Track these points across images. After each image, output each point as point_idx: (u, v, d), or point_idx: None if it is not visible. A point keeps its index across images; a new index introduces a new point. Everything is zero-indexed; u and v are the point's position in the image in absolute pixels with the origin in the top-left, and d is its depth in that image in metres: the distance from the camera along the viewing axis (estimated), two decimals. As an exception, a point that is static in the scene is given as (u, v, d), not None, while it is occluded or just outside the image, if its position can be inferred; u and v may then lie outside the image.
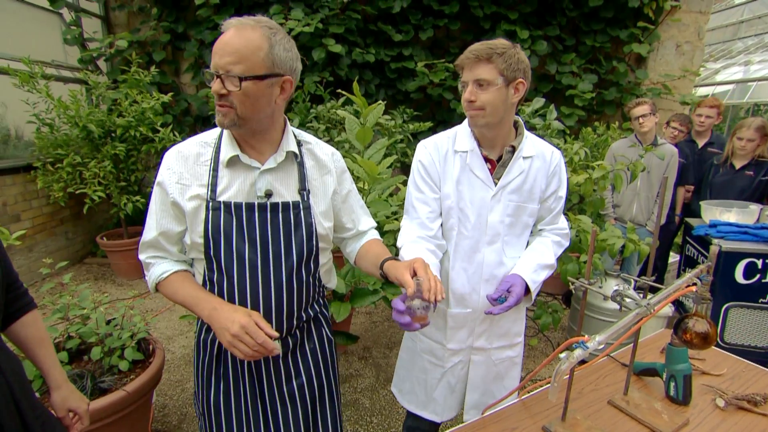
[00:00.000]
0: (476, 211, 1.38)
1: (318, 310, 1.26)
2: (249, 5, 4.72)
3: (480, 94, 1.26)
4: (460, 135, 1.42)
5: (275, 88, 1.02)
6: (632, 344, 1.24)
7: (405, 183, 2.27)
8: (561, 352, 0.84)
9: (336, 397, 1.32)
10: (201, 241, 1.05)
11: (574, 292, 1.15)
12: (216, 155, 1.07)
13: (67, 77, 4.56)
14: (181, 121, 4.96)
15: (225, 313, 0.98)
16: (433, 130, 4.64)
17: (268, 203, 1.06)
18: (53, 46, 4.61)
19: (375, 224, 1.34)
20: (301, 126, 3.73)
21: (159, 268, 1.11)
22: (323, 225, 1.15)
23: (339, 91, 3.31)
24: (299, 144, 1.16)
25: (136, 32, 4.91)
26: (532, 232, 1.50)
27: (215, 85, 0.96)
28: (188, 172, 1.06)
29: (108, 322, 1.97)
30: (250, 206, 1.05)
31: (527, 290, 1.33)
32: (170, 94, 4.15)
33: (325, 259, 1.22)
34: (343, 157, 1.36)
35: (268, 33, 0.98)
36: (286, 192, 1.10)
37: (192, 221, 1.06)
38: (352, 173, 2.04)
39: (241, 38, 0.95)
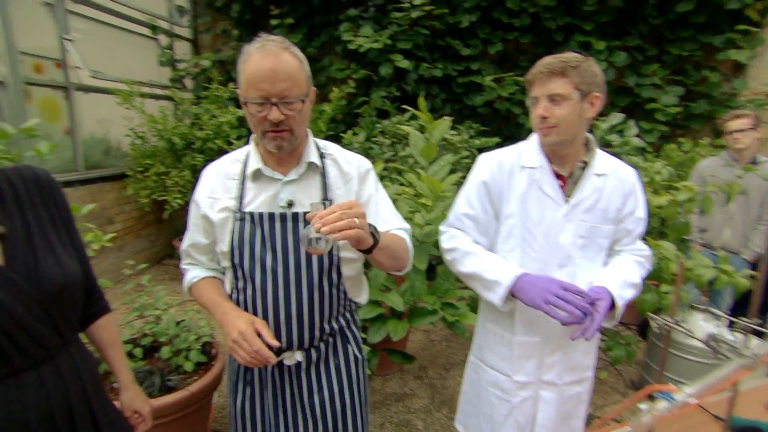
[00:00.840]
0: (545, 231, 1.28)
1: (344, 324, 1.23)
2: (321, 24, 4.92)
3: (554, 109, 1.18)
4: (528, 150, 1.33)
5: (309, 103, 1.07)
6: (730, 396, 1.07)
7: None
8: (640, 400, 0.73)
9: (362, 419, 1.27)
10: (227, 249, 1.10)
11: (657, 330, 1.02)
12: (244, 170, 1.14)
13: (159, 95, 5.01)
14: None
15: (231, 318, 1.02)
16: (500, 146, 4.50)
17: (289, 213, 1.09)
18: (149, 67, 5.10)
19: (406, 226, 1.26)
20: (367, 140, 3.78)
21: (191, 274, 1.21)
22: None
23: (404, 106, 3.32)
24: (322, 156, 1.17)
25: (218, 52, 5.29)
26: (608, 255, 1.36)
27: (273, 113, 0.98)
28: (219, 186, 1.14)
29: (177, 323, 2.09)
30: (271, 216, 1.09)
31: (612, 306, 1.20)
32: (246, 109, 4.41)
33: (351, 271, 1.19)
34: (407, 172, 1.33)
35: (294, 51, 1.02)
36: (309, 202, 1.11)
37: (220, 232, 1.12)
38: (414, 189, 2.00)
39: (284, 63, 0.99)
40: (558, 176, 1.29)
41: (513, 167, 1.32)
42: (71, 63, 4.01)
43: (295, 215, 1.09)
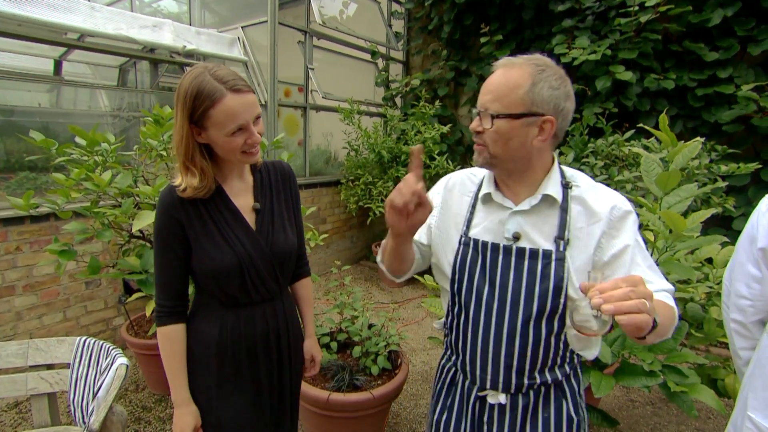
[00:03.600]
0: None
1: (563, 378, 1.06)
2: (530, 38, 4.72)
3: None
4: None
5: (531, 129, 0.93)
6: None
7: (725, 244, 1.72)
8: None
9: None
10: (449, 273, 1.08)
11: None
12: (477, 191, 1.10)
13: (373, 112, 5.60)
14: (454, 150, 5.36)
15: None
16: (755, 175, 3.54)
17: (514, 247, 0.99)
18: (367, 88, 5.77)
19: (671, 287, 1.01)
20: (576, 161, 3.43)
21: None
22: (575, 286, 0.95)
23: (626, 125, 2.87)
24: (567, 186, 1.00)
25: (427, 72, 5.62)
26: None
27: (473, 123, 0.99)
28: (452, 200, 1.13)
29: (370, 327, 2.24)
30: (495, 247, 1.02)
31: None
32: (448, 125, 4.56)
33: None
34: (633, 200, 1.11)
35: (534, 70, 0.93)
36: (539, 238, 0.99)
37: (445, 247, 1.10)
38: (642, 222, 1.65)
39: (503, 77, 0.95)
40: None
41: None
42: (311, 87, 4.82)
43: (521, 250, 0.99)
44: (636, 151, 1.79)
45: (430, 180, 4.69)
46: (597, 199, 0.99)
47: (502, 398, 1.04)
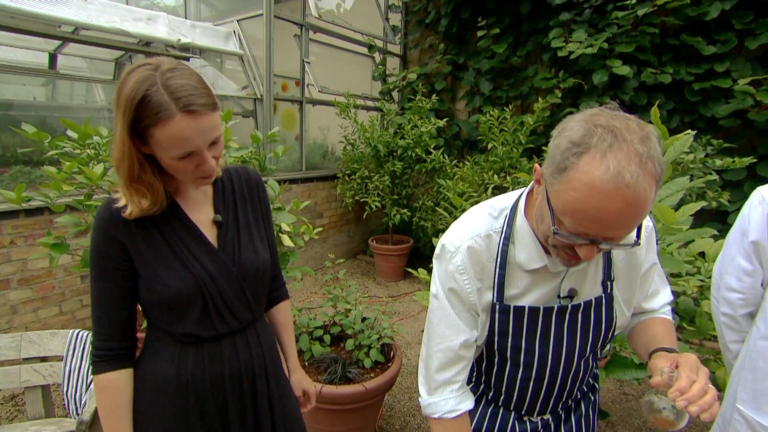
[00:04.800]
0: None
1: (588, 390, 1.09)
2: (528, 32, 4.70)
3: None
4: None
5: None
6: None
7: (716, 237, 1.72)
8: None
9: None
10: (483, 340, 0.94)
11: None
12: (505, 249, 0.88)
13: (370, 106, 5.59)
14: (451, 145, 5.36)
15: None
16: (750, 170, 3.54)
17: (570, 306, 0.89)
18: (364, 81, 5.75)
19: (671, 299, 1.03)
20: (567, 154, 3.43)
21: (450, 403, 0.92)
22: (625, 314, 0.95)
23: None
24: None
25: (424, 66, 5.59)
26: None
27: (584, 251, 0.72)
28: (484, 270, 0.90)
29: (363, 320, 2.24)
30: (548, 311, 0.89)
31: None
32: (445, 119, 4.55)
33: None
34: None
35: (656, 174, 0.66)
36: (592, 286, 0.92)
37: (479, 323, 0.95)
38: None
39: (639, 205, 0.65)
40: None
41: None
42: (307, 81, 4.81)
43: (577, 307, 0.90)
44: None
45: (426, 174, 4.69)
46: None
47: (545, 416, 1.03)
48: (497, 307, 0.89)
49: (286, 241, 2.11)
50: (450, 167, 4.33)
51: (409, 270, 2.44)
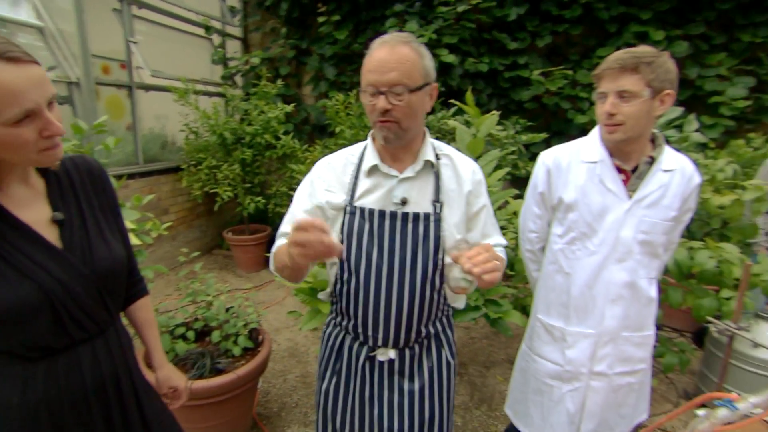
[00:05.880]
0: (606, 226, 1.28)
1: (441, 329, 1.23)
2: (366, 20, 4.95)
3: (622, 106, 1.16)
4: (587, 145, 1.33)
5: (427, 97, 1.05)
6: (797, 408, 0.99)
7: (516, 197, 2.15)
8: (699, 407, 0.70)
9: (447, 424, 1.25)
10: (337, 239, 1.08)
11: (715, 334, 0.97)
12: (359, 165, 1.14)
13: (211, 92, 5.23)
14: (301, 130, 5.37)
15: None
16: (547, 142, 4.36)
17: (400, 212, 1.08)
18: (203, 65, 5.34)
19: (505, 242, 1.25)
20: (409, 135, 3.78)
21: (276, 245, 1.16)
22: (454, 236, 1.12)
23: (451, 101, 3.29)
24: (437, 157, 1.15)
25: (267, 50, 5.45)
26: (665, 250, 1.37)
27: (380, 102, 1.00)
28: (336, 180, 1.14)
29: (227, 310, 2.19)
30: (382, 213, 1.08)
31: None
32: (292, 105, 4.53)
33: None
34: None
35: (415, 46, 1.03)
36: (422, 201, 1.10)
37: (332, 224, 1.12)
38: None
39: (397, 54, 0.99)
40: (621, 171, 1.27)
41: (570, 163, 1.34)
42: (135, 64, 4.27)
43: (406, 215, 1.09)
44: (452, 125, 2.10)
45: (278, 160, 4.64)
46: (462, 164, 1.17)
47: (392, 353, 1.15)
48: (347, 208, 1.11)
49: (132, 239, 1.92)
50: (301, 152, 4.37)
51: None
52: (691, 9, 4.15)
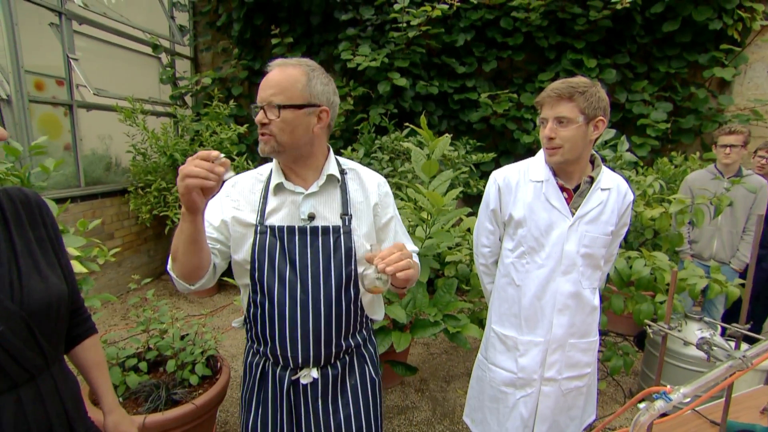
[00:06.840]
0: (552, 240, 1.38)
1: (361, 342, 1.23)
2: (319, 43, 5.03)
3: (560, 131, 1.28)
4: (534, 165, 1.45)
5: (312, 118, 1.09)
6: (724, 400, 1.12)
7: (469, 215, 2.26)
8: (640, 402, 0.78)
9: None
10: (249, 264, 1.12)
11: (651, 335, 1.08)
12: (267, 185, 1.16)
13: (160, 111, 5.08)
14: (254, 150, 5.30)
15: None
16: (495, 161, 4.58)
17: (308, 227, 1.11)
18: (151, 85, 5.18)
19: (416, 249, 1.31)
20: (366, 156, 3.85)
21: None
22: (365, 247, 1.15)
23: (406, 124, 3.40)
24: (342, 172, 1.20)
25: (218, 70, 5.38)
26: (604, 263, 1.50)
27: (258, 116, 1.06)
28: (243, 199, 1.16)
29: (182, 338, 2.11)
30: (291, 229, 1.10)
31: None
32: (245, 126, 4.49)
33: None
34: (407, 187, 1.40)
35: (306, 69, 1.07)
36: (330, 215, 1.14)
37: (239, 244, 1.13)
38: (415, 204, 2.07)
39: (282, 74, 1.06)
40: (564, 189, 1.38)
41: (519, 182, 1.45)
42: (76, 81, 4.08)
43: (314, 229, 1.11)
44: (407, 146, 2.19)
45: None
46: (368, 178, 1.23)
47: (315, 373, 1.14)
48: (258, 228, 1.11)
49: (77, 266, 1.82)
50: (256, 173, 4.30)
51: (225, 279, 2.37)
52: (617, 41, 4.58)
